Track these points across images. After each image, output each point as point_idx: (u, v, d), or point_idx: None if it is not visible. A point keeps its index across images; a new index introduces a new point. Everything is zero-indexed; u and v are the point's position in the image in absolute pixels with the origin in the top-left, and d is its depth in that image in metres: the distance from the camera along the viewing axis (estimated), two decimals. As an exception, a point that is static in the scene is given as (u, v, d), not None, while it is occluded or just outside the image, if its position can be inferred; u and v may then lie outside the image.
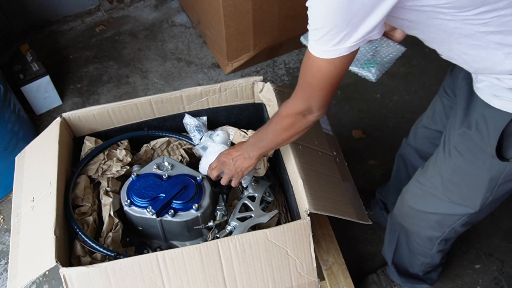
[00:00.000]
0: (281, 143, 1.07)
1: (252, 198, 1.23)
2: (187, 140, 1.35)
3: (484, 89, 0.95)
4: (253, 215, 1.18)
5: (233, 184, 1.18)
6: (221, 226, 1.19)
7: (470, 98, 1.02)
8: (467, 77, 1.04)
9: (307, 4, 0.86)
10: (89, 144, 1.28)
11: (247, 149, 1.12)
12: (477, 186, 1.07)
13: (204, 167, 1.25)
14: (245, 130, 1.34)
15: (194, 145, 1.35)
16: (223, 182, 1.18)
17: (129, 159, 1.30)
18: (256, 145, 1.10)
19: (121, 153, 1.30)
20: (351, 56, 0.84)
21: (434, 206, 1.18)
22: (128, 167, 1.29)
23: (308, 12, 0.87)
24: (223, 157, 1.16)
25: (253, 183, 1.25)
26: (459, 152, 1.05)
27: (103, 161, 1.28)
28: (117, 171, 1.27)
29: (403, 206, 1.27)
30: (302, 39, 1.18)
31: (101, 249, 1.10)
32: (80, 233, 1.11)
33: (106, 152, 1.29)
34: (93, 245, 1.10)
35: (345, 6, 0.76)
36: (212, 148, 1.26)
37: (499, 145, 0.97)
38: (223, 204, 1.22)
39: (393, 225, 1.38)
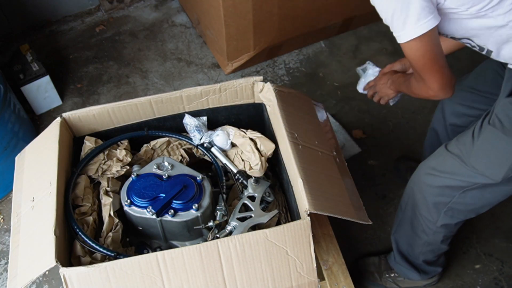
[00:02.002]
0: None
1: (252, 198, 1.23)
2: (187, 140, 1.35)
3: None
4: (253, 215, 1.18)
5: (382, 102, 1.45)
6: (221, 226, 1.19)
7: None
8: None
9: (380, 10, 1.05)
10: (89, 144, 1.28)
11: (393, 82, 1.36)
12: (506, 156, 1.11)
13: (361, 86, 1.54)
14: (245, 130, 1.34)
15: (195, 145, 1.35)
16: (375, 99, 1.46)
17: (129, 159, 1.30)
18: (398, 84, 1.33)
19: (121, 153, 1.30)
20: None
21: (453, 170, 1.21)
22: (128, 167, 1.29)
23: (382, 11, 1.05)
24: (378, 81, 1.43)
25: (253, 183, 1.25)
26: (499, 120, 1.10)
27: (103, 161, 1.28)
28: (117, 171, 1.27)
29: (422, 167, 1.30)
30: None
31: (101, 249, 1.10)
32: (80, 233, 1.11)
33: (106, 152, 1.29)
34: (93, 245, 1.10)
35: None
36: (372, 71, 1.52)
37: None
38: (223, 204, 1.22)
39: (404, 196, 1.39)
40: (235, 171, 1.29)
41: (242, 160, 1.31)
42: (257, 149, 1.30)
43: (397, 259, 1.51)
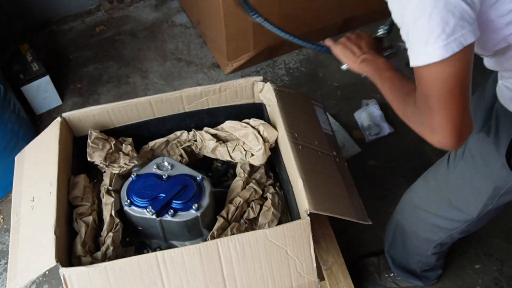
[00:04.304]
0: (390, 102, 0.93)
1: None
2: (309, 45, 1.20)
3: (504, 92, 0.93)
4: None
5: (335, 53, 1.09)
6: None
7: (494, 103, 1.00)
8: (496, 80, 1.00)
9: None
10: (95, 133, 1.27)
11: (368, 63, 0.99)
12: (480, 192, 1.06)
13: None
14: (248, 120, 1.33)
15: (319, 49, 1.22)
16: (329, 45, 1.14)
17: (135, 155, 1.30)
18: (378, 72, 0.96)
19: (126, 148, 1.30)
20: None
21: (436, 207, 1.18)
22: (135, 162, 1.28)
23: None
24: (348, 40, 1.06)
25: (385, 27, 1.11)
26: (472, 155, 1.03)
27: (110, 151, 1.27)
28: (125, 163, 1.27)
29: (406, 203, 1.28)
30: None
31: None
32: None
33: (113, 142, 1.28)
34: None
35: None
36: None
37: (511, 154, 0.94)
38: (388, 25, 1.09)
39: (392, 222, 1.39)
40: None
41: (244, 150, 1.30)
42: (261, 135, 1.29)
43: (396, 272, 1.51)
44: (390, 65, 0.97)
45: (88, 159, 1.25)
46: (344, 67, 1.08)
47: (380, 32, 1.13)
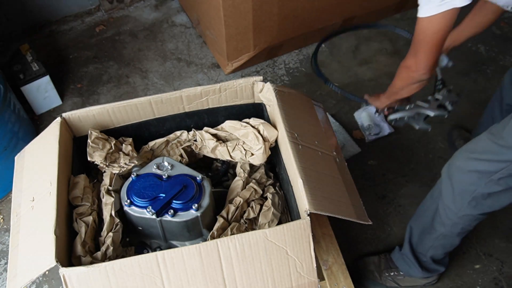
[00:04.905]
0: (400, 90, 1.32)
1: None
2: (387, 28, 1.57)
3: None
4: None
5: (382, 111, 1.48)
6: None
7: None
8: None
9: None
10: (95, 133, 1.27)
11: (384, 97, 1.41)
12: None
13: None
14: (248, 120, 1.33)
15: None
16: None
17: (135, 155, 1.30)
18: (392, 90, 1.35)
19: (126, 148, 1.30)
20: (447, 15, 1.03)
21: (485, 151, 1.21)
22: (136, 162, 1.29)
23: None
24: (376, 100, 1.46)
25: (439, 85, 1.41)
26: None
27: (110, 151, 1.27)
28: (125, 163, 1.27)
29: (459, 152, 1.30)
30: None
31: None
32: None
33: (113, 142, 1.29)
34: None
35: None
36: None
37: None
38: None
39: (435, 189, 1.40)
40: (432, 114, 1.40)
41: (244, 149, 1.30)
42: (261, 135, 1.29)
43: (404, 251, 1.50)
44: None
45: (88, 159, 1.26)
46: (376, 114, 1.53)
47: None
